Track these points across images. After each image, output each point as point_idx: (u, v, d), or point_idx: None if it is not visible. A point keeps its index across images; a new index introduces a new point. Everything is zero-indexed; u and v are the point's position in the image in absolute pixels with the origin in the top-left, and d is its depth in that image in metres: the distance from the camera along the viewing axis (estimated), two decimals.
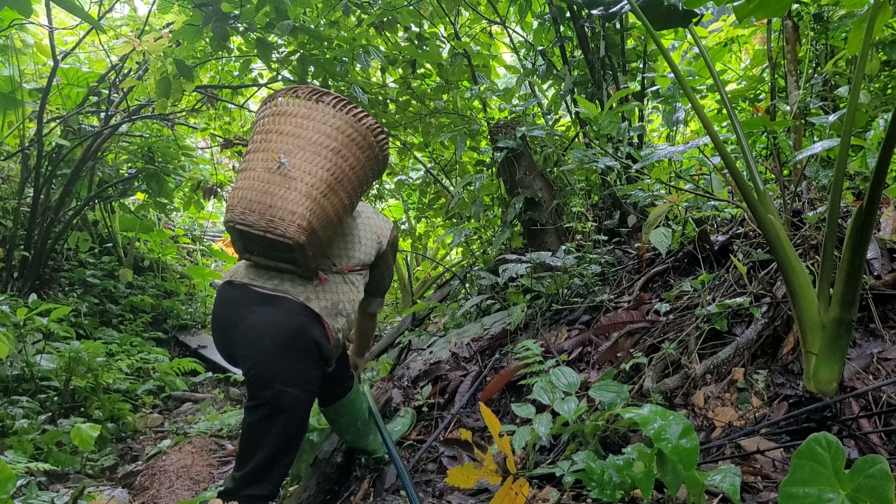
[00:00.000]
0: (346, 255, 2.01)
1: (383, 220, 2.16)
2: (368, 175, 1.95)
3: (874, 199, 1.48)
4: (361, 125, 1.87)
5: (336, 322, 1.94)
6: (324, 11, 4.29)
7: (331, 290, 1.94)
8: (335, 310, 1.94)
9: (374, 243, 2.08)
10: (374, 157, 1.93)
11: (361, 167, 1.89)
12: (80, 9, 3.00)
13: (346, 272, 2.00)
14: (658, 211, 2.57)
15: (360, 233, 2.06)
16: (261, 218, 1.75)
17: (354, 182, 1.89)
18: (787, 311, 1.94)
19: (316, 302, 1.89)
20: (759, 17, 2.38)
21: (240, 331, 1.88)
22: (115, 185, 6.06)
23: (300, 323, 1.85)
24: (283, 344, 1.84)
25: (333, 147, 1.82)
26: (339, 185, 1.83)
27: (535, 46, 4.48)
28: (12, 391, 3.82)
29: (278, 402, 1.85)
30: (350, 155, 1.85)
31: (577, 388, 1.85)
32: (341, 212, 1.88)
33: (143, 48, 3.81)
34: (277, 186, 1.76)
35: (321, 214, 1.78)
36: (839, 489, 1.01)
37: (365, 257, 2.05)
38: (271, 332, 1.84)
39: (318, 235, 1.80)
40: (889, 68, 3.32)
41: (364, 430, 2.35)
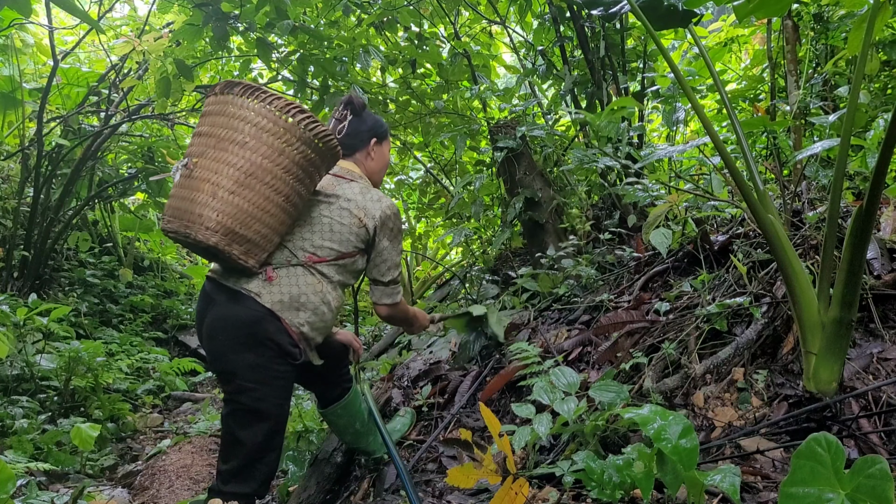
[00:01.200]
0: (311, 245, 1.91)
1: (371, 201, 1.97)
2: (301, 161, 1.81)
3: (874, 199, 1.48)
4: (269, 110, 1.76)
5: (296, 317, 1.86)
6: (324, 11, 4.29)
7: (286, 283, 1.86)
8: (295, 303, 1.85)
9: (354, 228, 1.93)
10: (302, 138, 1.79)
11: (281, 154, 1.76)
12: (80, 9, 3.00)
13: (309, 264, 1.89)
14: (658, 211, 2.57)
15: (332, 220, 1.93)
16: (179, 224, 1.76)
17: (276, 172, 1.76)
18: (787, 311, 1.94)
19: (268, 297, 1.83)
20: (759, 16, 2.39)
21: (205, 326, 1.91)
22: (115, 185, 6.06)
23: (253, 318, 1.82)
24: (237, 339, 1.83)
25: (239, 140, 1.75)
26: (251, 179, 1.74)
27: (535, 46, 4.48)
28: (12, 391, 3.82)
29: (241, 398, 1.85)
30: (261, 145, 1.75)
31: (577, 388, 1.85)
32: (266, 206, 1.77)
33: (143, 48, 3.81)
34: (189, 190, 1.76)
35: (232, 212, 1.73)
36: (839, 489, 1.01)
37: (340, 246, 1.93)
38: (226, 327, 1.84)
39: (237, 233, 1.74)
40: (889, 68, 3.32)
41: (363, 431, 2.35)
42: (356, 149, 2.11)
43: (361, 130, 2.11)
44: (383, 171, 2.22)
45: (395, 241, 2.03)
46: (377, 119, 2.20)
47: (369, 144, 2.12)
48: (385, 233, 1.99)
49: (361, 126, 2.12)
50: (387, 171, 2.29)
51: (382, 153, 2.18)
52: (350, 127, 2.10)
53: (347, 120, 2.10)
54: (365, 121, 2.14)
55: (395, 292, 2.08)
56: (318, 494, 2.39)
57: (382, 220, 1.97)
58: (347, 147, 2.08)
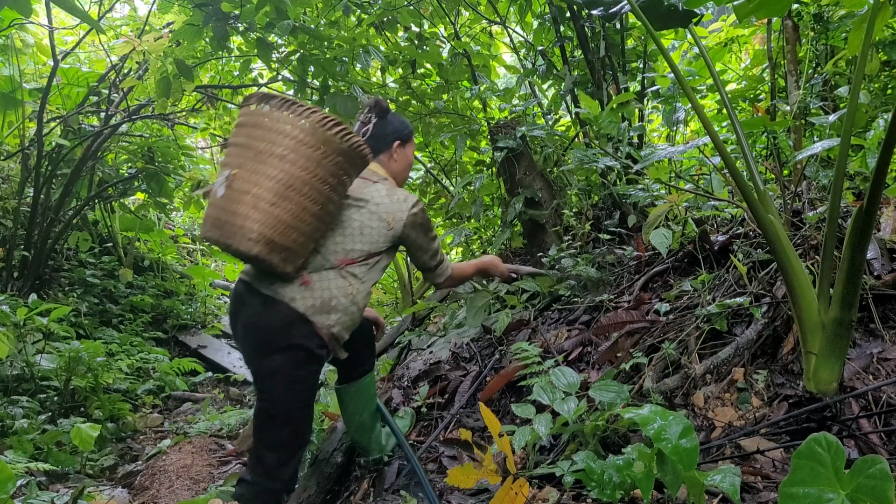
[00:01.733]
0: (342, 249, 1.98)
1: (398, 203, 2.05)
2: (336, 171, 1.87)
3: (874, 199, 1.48)
4: (308, 122, 1.81)
5: (327, 319, 1.93)
6: (324, 11, 4.29)
7: (318, 287, 1.93)
8: (326, 307, 1.92)
9: (383, 230, 2.02)
10: (337, 150, 1.85)
11: (318, 165, 1.82)
12: (80, 9, 3.00)
13: (341, 266, 1.97)
14: (658, 211, 2.57)
15: (363, 222, 2.01)
16: (220, 234, 1.81)
17: (313, 183, 1.82)
18: (787, 311, 1.94)
19: (301, 302, 1.90)
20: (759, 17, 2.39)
21: (238, 327, 2.00)
22: (115, 185, 6.06)
23: (284, 323, 1.89)
24: (266, 344, 1.91)
25: (279, 153, 1.80)
26: (290, 191, 1.79)
27: (535, 46, 4.48)
28: (12, 391, 3.82)
29: (265, 401, 1.95)
30: (299, 157, 1.80)
31: (577, 388, 1.85)
32: (304, 216, 1.83)
33: (143, 48, 3.81)
34: (230, 202, 1.80)
35: (273, 223, 1.78)
36: (839, 489, 1.01)
37: (370, 247, 2.01)
38: (257, 331, 1.92)
39: (277, 243, 1.79)
40: (889, 68, 3.32)
41: (369, 424, 2.36)
42: (380, 150, 2.19)
43: (385, 133, 2.19)
44: (407, 171, 2.31)
45: (428, 233, 2.13)
46: (402, 121, 2.28)
47: (392, 147, 2.20)
48: (416, 229, 2.08)
49: (386, 129, 2.20)
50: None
51: (406, 155, 2.26)
52: (374, 129, 2.17)
53: (372, 123, 2.18)
54: (390, 123, 2.22)
55: (443, 271, 2.23)
56: (318, 494, 2.39)
57: (410, 220, 2.06)
58: (371, 149, 2.12)
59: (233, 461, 3.58)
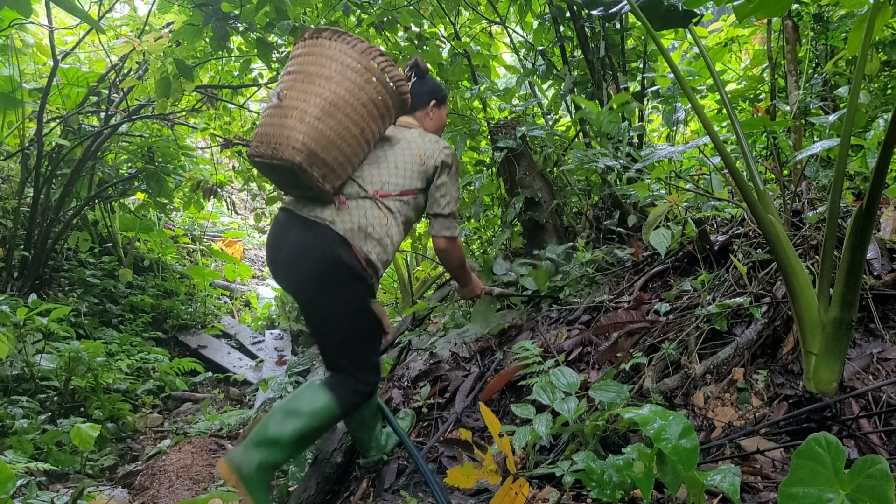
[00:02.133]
0: (378, 180, 2.09)
1: (433, 143, 2.17)
2: (377, 99, 2.02)
3: (874, 199, 1.48)
4: (355, 50, 1.98)
5: (365, 244, 2.02)
6: (324, 11, 4.29)
7: (356, 213, 2.03)
8: (363, 233, 2.02)
9: (415, 167, 2.12)
10: (379, 79, 2.01)
11: (361, 89, 1.98)
12: (80, 9, 3.00)
13: (376, 198, 2.06)
14: (658, 211, 2.57)
15: (397, 158, 2.12)
16: (267, 147, 1.95)
17: (356, 105, 1.97)
18: (787, 311, 1.94)
19: (340, 224, 2.00)
20: (759, 17, 2.39)
21: (282, 255, 2.08)
22: (115, 185, 6.06)
23: (326, 244, 1.99)
24: (312, 263, 1.99)
25: (326, 74, 1.96)
26: (334, 109, 1.95)
27: (535, 46, 4.48)
28: (12, 391, 3.82)
29: (324, 315, 2.05)
30: (345, 80, 1.96)
31: (577, 388, 1.85)
32: (345, 135, 1.97)
33: (143, 48, 3.81)
34: (279, 117, 1.95)
35: (316, 136, 1.92)
36: (839, 489, 1.01)
37: (404, 182, 2.10)
38: (301, 253, 2.01)
39: (318, 156, 1.94)
40: (889, 68, 3.32)
41: (370, 423, 2.35)
42: (417, 108, 2.32)
43: (423, 91, 2.32)
44: (440, 131, 2.42)
45: (453, 178, 2.20)
46: (438, 84, 2.44)
47: (429, 105, 2.34)
48: (444, 170, 2.16)
49: (423, 87, 2.33)
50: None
51: (440, 115, 2.40)
52: (413, 87, 2.26)
53: (411, 81, 2.28)
54: (427, 83, 2.36)
55: (453, 225, 2.21)
56: (319, 494, 2.39)
57: (442, 159, 2.15)
58: (410, 105, 2.25)
59: None
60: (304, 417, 1.98)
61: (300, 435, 1.98)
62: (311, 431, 2.01)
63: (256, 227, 10.25)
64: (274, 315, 7.39)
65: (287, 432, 1.96)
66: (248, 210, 11.01)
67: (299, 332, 6.93)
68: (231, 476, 1.89)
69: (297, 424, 1.97)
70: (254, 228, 10.50)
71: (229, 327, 7.02)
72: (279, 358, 6.33)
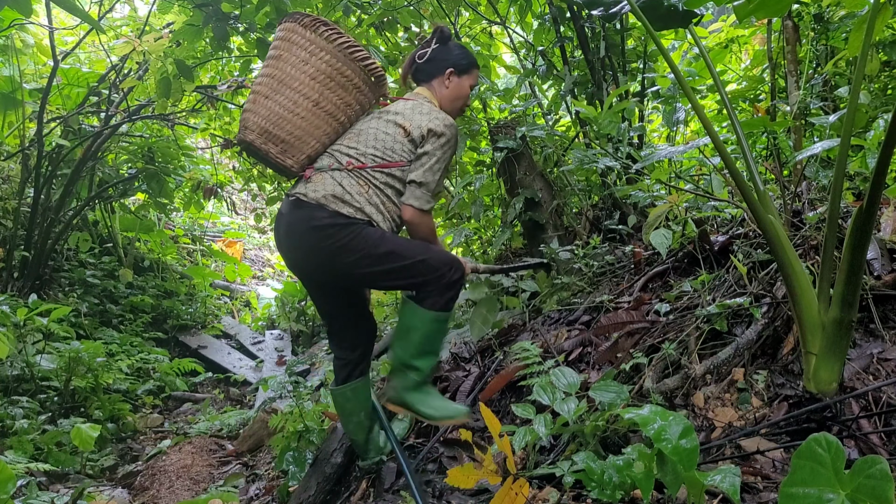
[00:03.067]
0: (354, 153, 2.05)
1: (422, 114, 2.07)
2: (327, 69, 2.01)
3: (874, 200, 1.48)
4: (300, 25, 2.00)
5: (342, 208, 1.99)
6: (324, 12, 4.29)
7: (328, 183, 2.01)
8: (339, 199, 1.99)
9: (398, 137, 2.05)
10: (324, 49, 2.00)
11: (305, 63, 1.99)
12: (80, 9, 3.00)
13: (350, 168, 2.03)
14: (658, 211, 2.57)
15: (378, 130, 2.07)
16: (239, 134, 2.08)
17: (303, 79, 1.99)
18: (787, 311, 1.94)
19: (313, 195, 2.00)
20: (759, 17, 2.39)
21: (283, 243, 2.11)
22: (115, 186, 6.06)
23: (307, 216, 1.99)
24: (306, 241, 2.01)
25: (275, 55, 2.04)
26: (281, 85, 2.00)
27: (535, 47, 4.48)
28: (12, 391, 3.82)
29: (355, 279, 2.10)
30: (291, 55, 2.00)
31: (578, 388, 1.85)
32: (296, 109, 2.00)
33: (143, 48, 3.81)
34: (248, 104, 2.07)
35: (267, 114, 2.01)
36: (839, 489, 1.01)
37: (384, 154, 2.04)
38: (294, 234, 2.04)
39: (272, 133, 2.01)
40: (889, 69, 3.32)
41: (366, 426, 2.35)
42: (433, 75, 2.23)
43: (442, 59, 2.22)
44: (458, 102, 2.27)
45: (440, 150, 2.05)
46: (464, 52, 2.27)
47: (445, 72, 2.21)
48: (431, 140, 2.05)
49: (444, 55, 2.23)
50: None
51: (460, 85, 2.24)
52: (432, 54, 2.22)
53: (432, 47, 2.23)
54: (450, 51, 2.24)
55: (424, 197, 2.06)
56: (319, 494, 2.39)
57: (430, 127, 2.04)
58: (425, 73, 2.24)
59: (233, 461, 3.58)
60: (417, 328, 2.07)
61: (424, 341, 2.07)
62: (431, 335, 2.08)
63: (256, 228, 10.26)
64: (274, 315, 7.39)
65: (413, 346, 2.08)
66: (249, 210, 11.01)
67: (299, 332, 6.94)
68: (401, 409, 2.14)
69: (415, 336, 2.07)
70: (254, 229, 10.51)
71: (229, 327, 7.03)
72: (279, 358, 6.33)
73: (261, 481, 3.15)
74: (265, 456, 3.55)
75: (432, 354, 2.14)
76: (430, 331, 2.07)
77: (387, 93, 2.22)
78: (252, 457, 3.61)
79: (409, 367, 2.11)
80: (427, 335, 2.08)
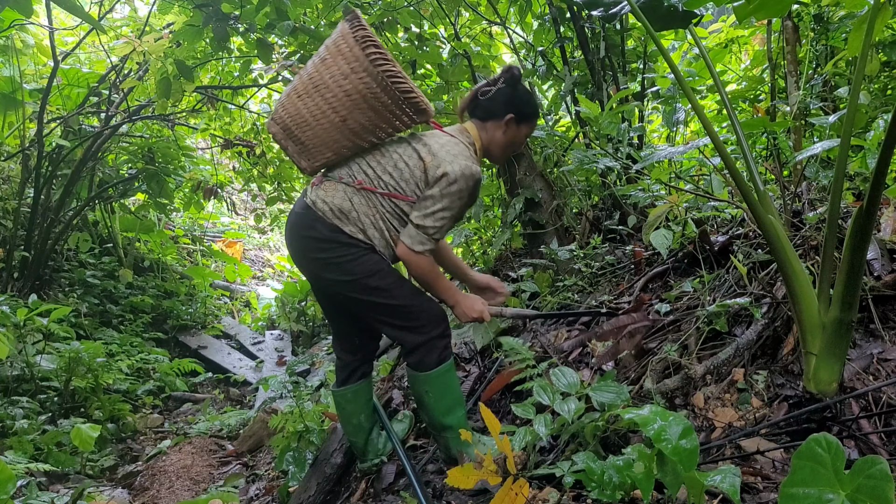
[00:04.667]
0: (370, 173, 1.98)
1: (449, 154, 1.93)
2: (364, 91, 1.90)
3: (874, 200, 1.48)
4: (351, 36, 1.89)
5: (345, 225, 1.95)
6: (324, 12, 4.29)
7: (339, 196, 1.97)
8: (343, 215, 1.95)
9: (416, 171, 1.95)
10: (367, 71, 1.88)
11: (345, 77, 1.90)
12: (81, 9, 3.00)
13: (359, 187, 1.97)
14: (658, 212, 2.57)
15: (401, 160, 1.98)
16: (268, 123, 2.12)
17: (336, 91, 1.92)
18: (787, 311, 1.94)
19: (321, 205, 1.97)
20: (759, 17, 2.39)
21: (286, 234, 2.12)
22: (115, 186, 6.06)
23: (309, 223, 1.98)
24: (305, 244, 2.00)
25: (322, 56, 1.96)
26: (315, 90, 1.95)
27: (536, 47, 4.48)
28: (12, 391, 3.82)
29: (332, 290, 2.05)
30: (333, 64, 1.93)
31: (577, 388, 1.85)
32: (322, 119, 1.95)
33: (143, 49, 3.81)
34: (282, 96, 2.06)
35: (293, 112, 1.99)
36: (839, 490, 1.01)
37: (397, 185, 1.96)
38: (295, 234, 2.03)
39: (293, 132, 2.00)
40: (889, 69, 3.32)
41: (366, 427, 2.35)
42: (491, 116, 2.09)
43: (505, 102, 2.08)
44: (509, 149, 2.17)
45: (447, 198, 1.92)
46: (529, 99, 2.14)
47: (504, 117, 2.08)
48: (441, 184, 1.92)
49: (508, 98, 2.08)
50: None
51: (517, 133, 2.12)
52: (496, 94, 2.07)
53: (497, 86, 2.08)
54: (516, 95, 2.09)
55: (418, 238, 1.95)
56: (319, 495, 2.39)
57: (445, 173, 1.91)
58: (483, 111, 2.09)
59: (233, 461, 3.58)
60: (427, 391, 2.06)
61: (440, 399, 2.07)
62: (443, 389, 2.07)
63: (257, 228, 10.26)
64: (274, 315, 7.39)
65: (433, 409, 2.08)
66: (249, 210, 11.02)
67: (299, 332, 6.94)
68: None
69: (429, 399, 2.07)
70: (254, 229, 10.51)
71: (229, 328, 7.03)
72: (279, 358, 6.33)
73: (261, 481, 3.15)
74: (265, 456, 3.55)
75: (456, 406, 2.10)
76: (440, 387, 2.06)
77: (430, 120, 2.08)
78: (252, 457, 3.61)
79: (442, 428, 2.10)
80: (440, 392, 2.06)
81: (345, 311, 2.22)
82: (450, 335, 2.10)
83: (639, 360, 2.21)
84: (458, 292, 2.14)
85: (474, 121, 2.11)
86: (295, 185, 6.73)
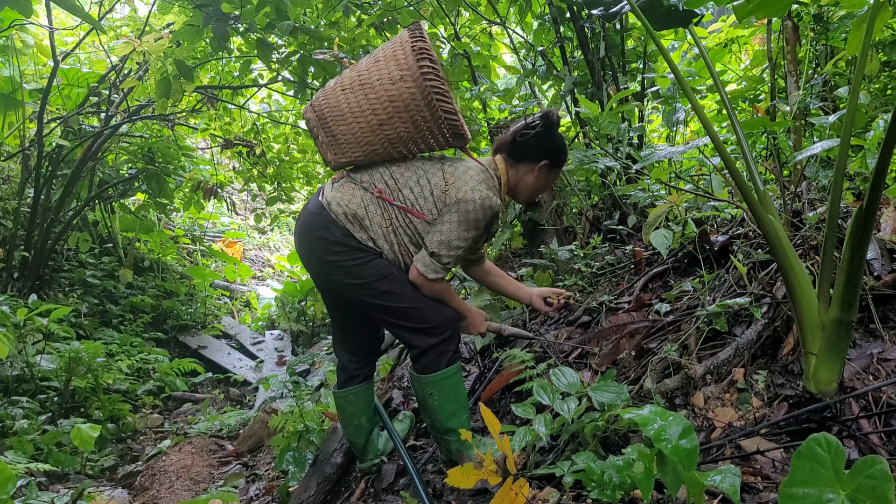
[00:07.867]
0: (390, 184, 1.98)
1: (472, 181, 1.93)
2: (409, 101, 1.90)
3: (874, 200, 1.48)
4: (409, 44, 1.89)
5: (357, 232, 1.95)
6: (324, 12, 4.29)
7: (356, 201, 1.96)
8: (358, 220, 1.95)
9: (437, 191, 1.95)
10: (416, 82, 1.88)
11: (394, 83, 1.90)
12: (81, 9, 3.00)
13: (376, 194, 1.96)
14: (658, 211, 2.57)
15: (424, 176, 1.97)
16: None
17: (381, 94, 1.92)
18: (787, 311, 1.94)
19: (336, 207, 1.96)
20: (759, 17, 2.39)
21: (296, 231, 2.11)
22: (115, 186, 6.06)
23: (322, 224, 1.96)
24: (315, 244, 1.99)
25: (376, 56, 1.96)
26: (360, 88, 1.94)
27: (535, 47, 4.48)
28: (12, 391, 3.82)
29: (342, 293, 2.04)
30: (385, 67, 1.92)
31: (577, 388, 1.85)
32: (360, 118, 1.95)
33: (143, 49, 3.81)
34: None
35: (334, 103, 1.98)
36: (839, 490, 1.01)
37: (415, 201, 1.96)
38: (307, 233, 2.02)
39: (328, 122, 1.99)
40: (889, 69, 3.32)
41: (366, 428, 2.35)
42: (525, 158, 2.07)
43: (541, 148, 2.06)
44: (535, 193, 2.15)
45: (462, 225, 1.92)
46: (563, 146, 2.13)
47: (539, 163, 2.06)
48: (456, 208, 1.92)
49: (545, 143, 2.07)
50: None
51: (547, 177, 2.12)
52: (532, 137, 2.05)
53: (535, 130, 2.04)
54: (552, 141, 2.08)
55: (432, 266, 1.96)
56: (319, 494, 2.39)
57: (462, 198, 1.91)
58: (517, 151, 2.07)
59: (233, 461, 3.58)
60: (432, 394, 2.05)
61: (444, 402, 2.05)
62: (447, 394, 2.05)
63: (256, 228, 10.26)
64: (274, 315, 7.39)
65: (436, 412, 2.06)
66: (249, 210, 11.02)
67: (299, 332, 6.94)
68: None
69: (433, 402, 2.05)
70: (254, 229, 10.51)
71: (229, 328, 7.03)
72: (279, 358, 6.34)
73: (261, 481, 3.15)
74: (265, 456, 3.55)
75: (460, 410, 2.08)
76: (446, 390, 2.05)
77: (464, 147, 2.09)
78: (252, 457, 3.61)
79: (445, 432, 2.09)
80: (445, 396, 2.05)
81: (351, 313, 2.21)
82: (460, 338, 2.10)
83: (639, 360, 2.21)
84: (469, 307, 2.19)
85: (506, 157, 2.09)
86: (295, 185, 6.73)
